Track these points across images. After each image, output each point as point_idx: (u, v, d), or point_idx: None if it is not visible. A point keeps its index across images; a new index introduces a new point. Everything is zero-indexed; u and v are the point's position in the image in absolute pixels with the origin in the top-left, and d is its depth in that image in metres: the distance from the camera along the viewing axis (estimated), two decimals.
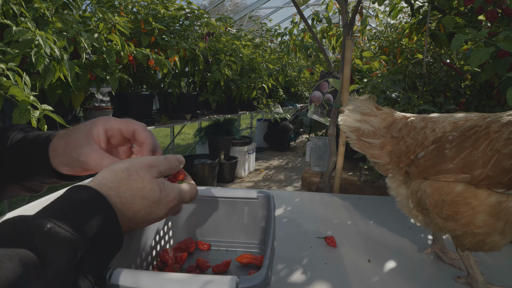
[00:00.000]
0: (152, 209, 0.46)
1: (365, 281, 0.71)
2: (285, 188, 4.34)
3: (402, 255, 0.82)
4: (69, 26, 1.61)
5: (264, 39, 4.94)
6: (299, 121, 2.15)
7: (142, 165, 0.47)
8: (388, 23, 3.90)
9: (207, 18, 3.01)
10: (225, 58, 3.10)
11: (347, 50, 1.39)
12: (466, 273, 0.72)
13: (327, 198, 1.23)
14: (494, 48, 1.06)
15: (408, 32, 2.20)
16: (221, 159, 4.33)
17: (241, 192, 0.78)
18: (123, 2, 2.47)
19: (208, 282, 0.42)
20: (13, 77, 1.17)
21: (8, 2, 1.34)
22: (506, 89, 1.00)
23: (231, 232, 0.82)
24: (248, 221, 0.81)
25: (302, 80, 5.80)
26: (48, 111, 1.22)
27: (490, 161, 0.60)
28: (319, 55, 3.88)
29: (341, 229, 0.97)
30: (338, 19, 3.22)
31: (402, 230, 0.96)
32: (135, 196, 0.45)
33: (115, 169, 0.45)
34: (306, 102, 3.92)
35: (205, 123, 4.85)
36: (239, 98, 3.57)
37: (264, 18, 7.26)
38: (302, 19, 1.52)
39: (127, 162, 0.47)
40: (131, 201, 0.44)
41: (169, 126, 2.98)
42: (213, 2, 6.77)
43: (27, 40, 1.28)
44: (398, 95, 1.50)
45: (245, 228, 0.81)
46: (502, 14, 1.40)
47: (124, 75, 1.92)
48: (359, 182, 1.70)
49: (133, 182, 0.45)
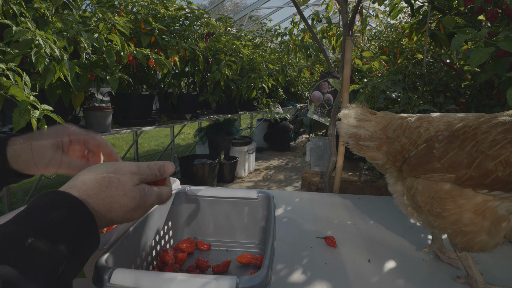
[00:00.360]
0: (130, 213, 0.47)
1: (365, 281, 0.71)
2: (285, 188, 4.34)
3: (402, 255, 0.82)
4: (69, 26, 1.61)
5: (264, 39, 4.93)
6: (299, 121, 2.15)
7: (124, 171, 0.47)
8: (388, 23, 3.90)
9: (207, 18, 3.01)
10: (225, 58, 3.10)
11: (347, 50, 1.39)
12: (465, 273, 0.72)
13: (327, 198, 1.23)
14: (494, 48, 1.06)
15: (408, 32, 2.21)
16: (221, 159, 4.33)
17: (241, 192, 0.79)
18: (123, 2, 2.47)
19: (207, 283, 0.42)
20: (13, 77, 1.17)
21: (8, 2, 1.34)
22: (506, 89, 1.00)
23: (231, 232, 0.82)
24: (248, 221, 0.81)
25: (302, 80, 5.80)
26: (48, 111, 1.22)
27: (474, 162, 0.61)
28: (319, 55, 3.88)
29: (341, 229, 0.97)
30: (338, 19, 3.22)
31: (402, 230, 0.96)
32: (114, 203, 0.44)
33: (96, 174, 0.45)
34: (306, 102, 3.92)
35: (205, 123, 4.85)
36: (239, 98, 3.57)
37: (264, 18, 7.26)
38: (302, 19, 1.52)
39: (109, 167, 0.47)
40: (109, 208, 0.44)
41: (169, 126, 2.98)
42: (213, 2, 6.77)
43: (27, 40, 1.28)
44: (398, 95, 1.50)
45: (245, 228, 0.81)
46: (502, 14, 1.40)
47: (124, 75, 1.92)
48: (359, 182, 1.70)
49: (114, 189, 0.45)
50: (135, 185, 0.47)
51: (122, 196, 0.45)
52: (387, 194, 0.84)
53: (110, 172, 0.46)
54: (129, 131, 2.38)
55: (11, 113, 1.21)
